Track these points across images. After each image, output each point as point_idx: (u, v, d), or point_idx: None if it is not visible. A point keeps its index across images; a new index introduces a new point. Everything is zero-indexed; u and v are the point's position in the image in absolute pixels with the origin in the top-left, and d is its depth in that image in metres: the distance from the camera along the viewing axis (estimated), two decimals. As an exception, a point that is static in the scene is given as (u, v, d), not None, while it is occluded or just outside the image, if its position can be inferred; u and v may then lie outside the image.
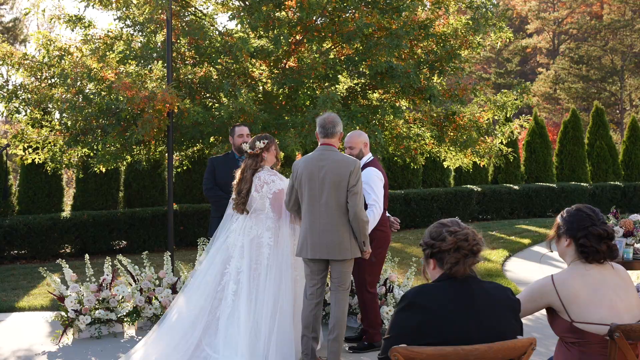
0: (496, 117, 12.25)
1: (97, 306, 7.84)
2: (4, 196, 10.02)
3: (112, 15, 11.35)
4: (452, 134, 11.87)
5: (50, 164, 11.40)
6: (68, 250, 14.85)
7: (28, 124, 11.35)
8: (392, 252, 13.89)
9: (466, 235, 3.30)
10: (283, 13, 11.21)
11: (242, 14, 10.40)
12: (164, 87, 9.64)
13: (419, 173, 19.92)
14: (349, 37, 10.42)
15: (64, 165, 11.58)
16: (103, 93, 10.26)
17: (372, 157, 7.11)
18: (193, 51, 10.91)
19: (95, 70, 10.05)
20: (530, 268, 11.98)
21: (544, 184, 20.84)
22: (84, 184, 16.07)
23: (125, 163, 12.29)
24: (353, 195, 6.04)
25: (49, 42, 10.94)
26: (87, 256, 8.36)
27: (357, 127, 10.04)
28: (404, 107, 12.23)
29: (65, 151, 11.10)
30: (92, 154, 10.94)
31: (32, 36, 11.56)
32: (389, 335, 3.26)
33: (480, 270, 11.52)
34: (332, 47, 11.53)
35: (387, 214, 7.32)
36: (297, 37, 11.23)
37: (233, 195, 7.13)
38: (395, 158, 13.42)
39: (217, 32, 11.18)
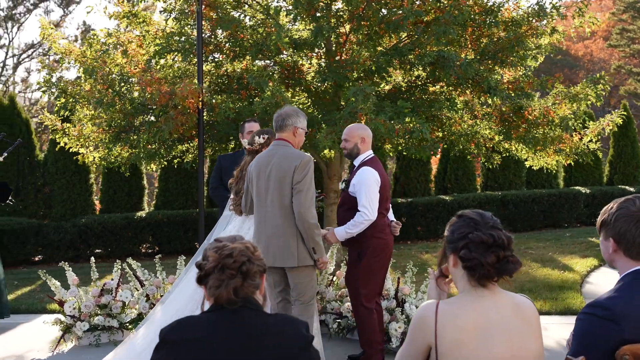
0: (571, 111, 10.85)
1: (97, 312, 7.45)
2: (16, 193, 9.87)
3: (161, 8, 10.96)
4: (522, 129, 10.65)
5: (97, 162, 11.22)
6: (143, 250, 14.81)
7: (89, 121, 11.21)
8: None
9: (232, 250, 2.52)
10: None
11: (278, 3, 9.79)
12: (194, 82, 9.19)
13: (522, 173, 18.48)
14: (396, 25, 9.51)
15: (111, 165, 11.32)
16: (125, 87, 9.95)
17: (372, 155, 6.28)
18: (229, 44, 10.37)
19: (119, 65, 9.74)
20: (619, 280, 10.52)
21: (668, 185, 18.76)
22: (165, 183, 16.03)
23: (164, 161, 11.90)
24: (298, 193, 5.31)
25: (92, 37, 10.78)
26: (92, 259, 7.97)
27: (403, 124, 9.10)
28: (474, 102, 11.18)
29: (111, 149, 10.86)
30: (135, 152, 10.64)
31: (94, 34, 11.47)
32: None
33: (555, 281, 10.37)
34: (381, 37, 10.59)
35: (393, 218, 6.47)
36: (347, 28, 10.44)
37: (231, 195, 6.55)
38: (468, 157, 12.33)
39: (259, 23, 10.59)
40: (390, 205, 6.51)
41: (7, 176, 14.36)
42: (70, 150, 11.38)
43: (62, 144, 11.09)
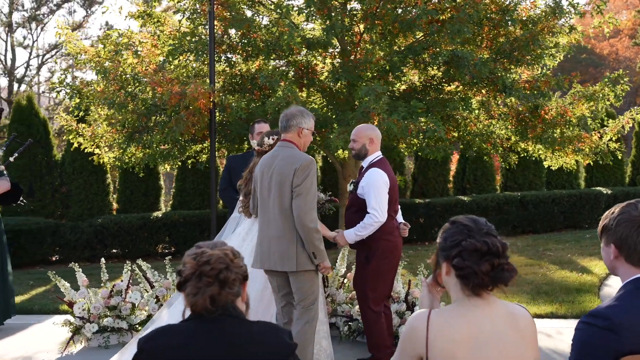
0: (589, 111, 10.65)
1: (106, 313, 7.42)
2: (30, 194, 9.85)
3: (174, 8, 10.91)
4: (539, 129, 10.48)
5: (112, 162, 11.21)
6: (159, 250, 14.80)
7: (104, 122, 11.19)
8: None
9: (210, 257, 2.45)
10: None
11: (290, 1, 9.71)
12: (205, 82, 9.15)
13: (542, 173, 18.22)
14: (409, 24, 9.39)
15: (126, 165, 11.27)
16: (138, 88, 9.92)
17: (380, 156, 6.18)
18: (241, 45, 10.29)
19: (131, 65, 9.72)
20: None
21: (692, 187, 18.38)
22: (182, 183, 16.01)
23: (178, 162, 11.84)
24: (297, 196, 5.19)
25: (105, 37, 10.77)
26: (102, 260, 7.96)
27: (416, 123, 8.98)
28: (490, 101, 11.03)
29: (125, 150, 10.82)
30: (148, 152, 10.60)
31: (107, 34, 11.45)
32: None
33: (573, 283, 10.20)
34: (396, 37, 10.46)
35: (402, 220, 6.38)
36: (361, 27, 10.34)
37: (240, 197, 6.48)
38: (485, 157, 12.15)
39: (272, 23, 10.52)
40: (399, 207, 6.41)
41: (25, 175, 14.43)
42: (85, 151, 11.39)
43: (76, 144, 11.11)
